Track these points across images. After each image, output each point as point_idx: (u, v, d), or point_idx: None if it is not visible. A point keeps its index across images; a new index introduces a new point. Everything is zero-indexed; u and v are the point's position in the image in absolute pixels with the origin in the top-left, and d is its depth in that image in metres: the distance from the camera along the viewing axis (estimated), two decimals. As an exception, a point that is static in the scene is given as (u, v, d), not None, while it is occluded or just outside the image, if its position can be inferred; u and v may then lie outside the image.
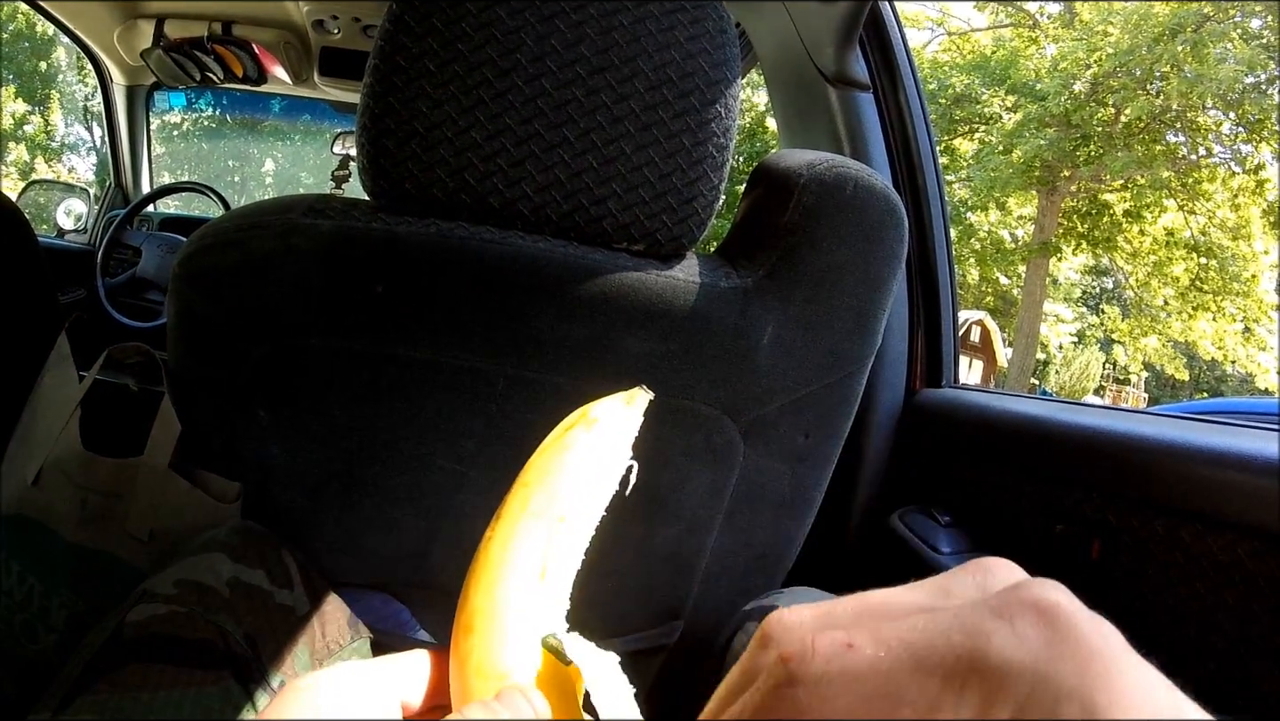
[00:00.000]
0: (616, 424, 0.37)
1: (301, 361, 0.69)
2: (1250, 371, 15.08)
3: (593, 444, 0.36)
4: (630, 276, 0.69)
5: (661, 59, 0.67)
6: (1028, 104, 13.89)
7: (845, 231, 0.72)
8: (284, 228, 0.66)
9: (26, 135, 16.50)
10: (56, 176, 15.31)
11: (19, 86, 16.41)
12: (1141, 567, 0.79)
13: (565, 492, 0.35)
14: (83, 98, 16.42)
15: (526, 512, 0.35)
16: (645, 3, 0.68)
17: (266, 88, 2.67)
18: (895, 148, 1.21)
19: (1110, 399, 19.90)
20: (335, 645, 0.66)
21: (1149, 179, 13.54)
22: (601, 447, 0.36)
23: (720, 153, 0.70)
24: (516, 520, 0.35)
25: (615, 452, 0.36)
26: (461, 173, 0.66)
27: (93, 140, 16.80)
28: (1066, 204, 14.97)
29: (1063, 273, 18.99)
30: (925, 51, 16.19)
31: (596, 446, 0.36)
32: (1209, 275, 14.38)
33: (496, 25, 0.65)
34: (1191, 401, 16.43)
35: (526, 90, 0.65)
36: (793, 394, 0.75)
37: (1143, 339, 15.95)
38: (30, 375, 1.03)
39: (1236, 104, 12.45)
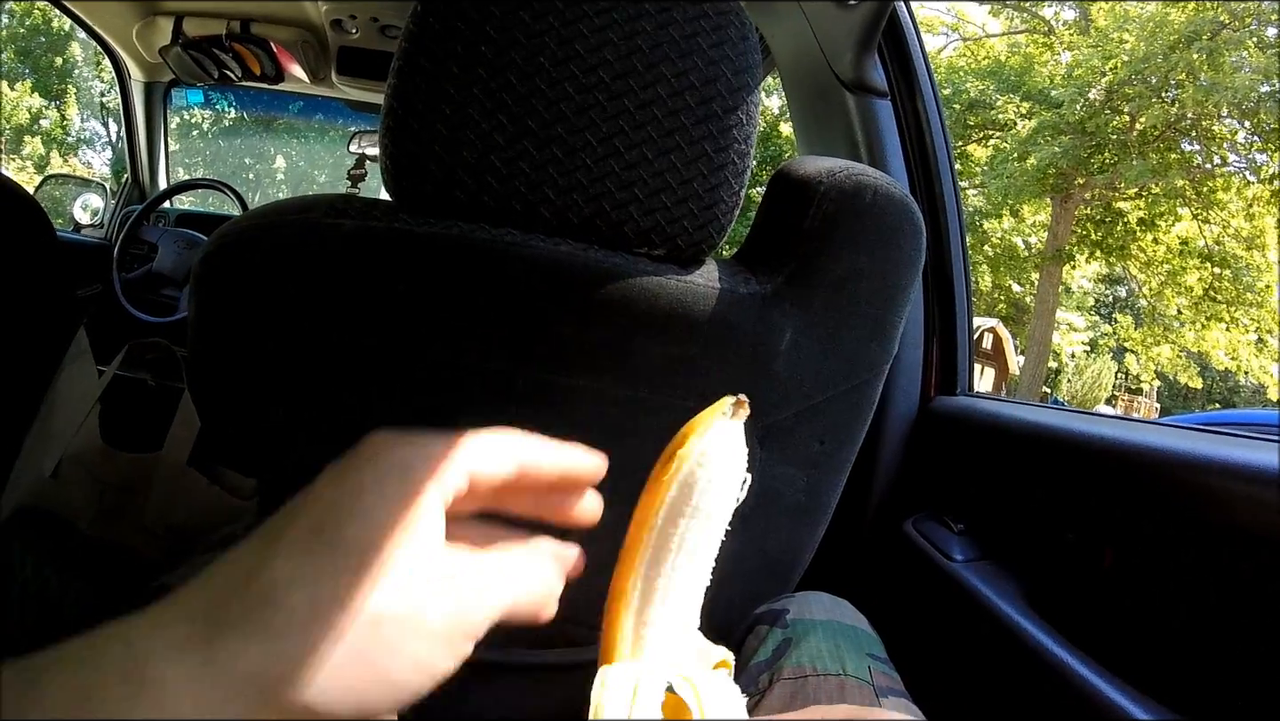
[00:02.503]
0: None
1: (321, 361, 0.69)
2: (1263, 382, 14.99)
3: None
4: (650, 281, 0.69)
5: (684, 65, 0.67)
6: (1042, 111, 13.86)
7: (864, 239, 0.72)
8: (305, 227, 0.67)
9: (43, 129, 16.61)
10: (72, 171, 15.40)
11: (35, 81, 16.51)
12: (1153, 577, 0.79)
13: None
14: (99, 93, 16.52)
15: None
16: (668, 9, 0.68)
17: (284, 86, 2.68)
18: (912, 155, 1.21)
19: (1122, 408, 19.84)
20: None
21: (1163, 187, 13.49)
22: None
23: (741, 159, 0.70)
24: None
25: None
26: (484, 175, 0.66)
27: (108, 135, 16.89)
28: (1080, 211, 14.91)
29: (1076, 281, 18.94)
30: (940, 56, 16.16)
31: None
32: (1223, 285, 14.31)
33: (520, 29, 0.66)
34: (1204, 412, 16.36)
35: (549, 94, 0.66)
36: (809, 400, 0.75)
37: (1155, 348, 15.87)
38: (48, 369, 1.04)
39: (1252, 112, 12.39)
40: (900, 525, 1.10)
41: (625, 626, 0.38)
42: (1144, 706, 0.71)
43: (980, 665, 0.90)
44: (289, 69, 2.50)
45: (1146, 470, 0.80)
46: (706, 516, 0.38)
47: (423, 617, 0.29)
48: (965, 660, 0.92)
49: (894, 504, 1.15)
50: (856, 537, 1.16)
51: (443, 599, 0.30)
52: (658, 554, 0.38)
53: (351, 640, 0.27)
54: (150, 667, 0.25)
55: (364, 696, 0.28)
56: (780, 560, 0.85)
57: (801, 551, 0.85)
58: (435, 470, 0.33)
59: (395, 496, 0.31)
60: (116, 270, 2.40)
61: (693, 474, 0.38)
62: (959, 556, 0.98)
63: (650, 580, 0.38)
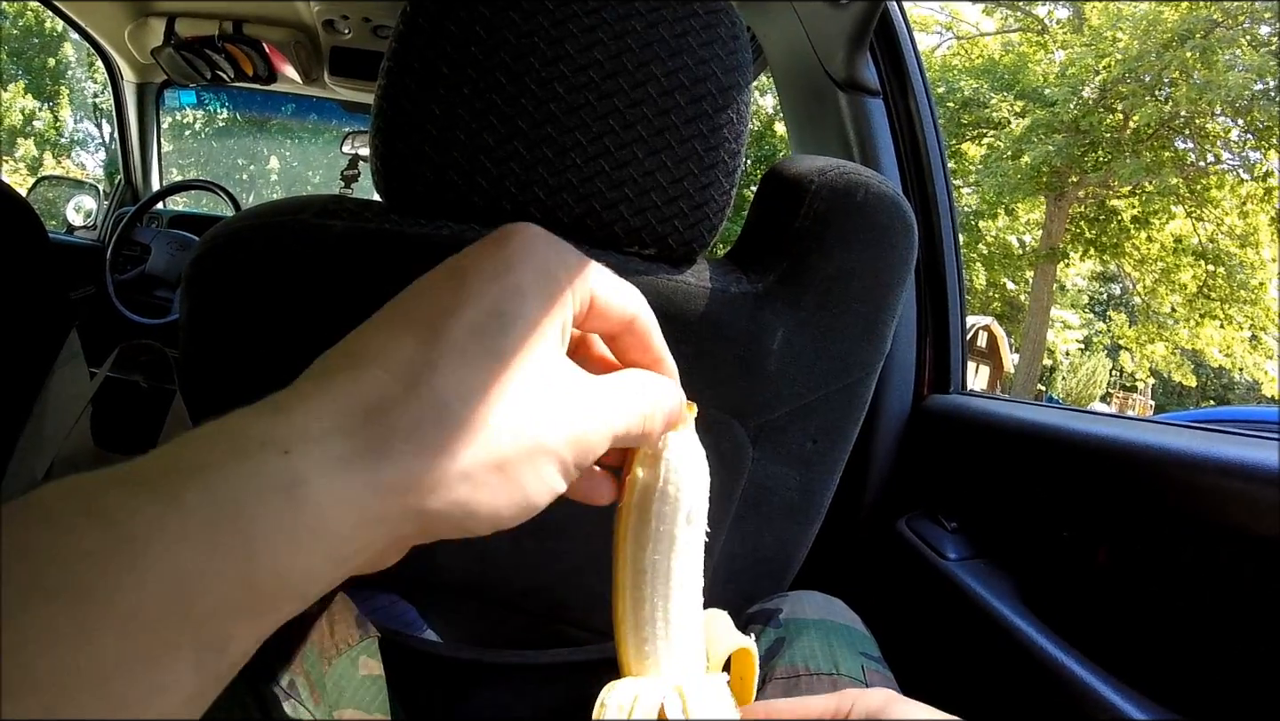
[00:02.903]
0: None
1: (312, 361, 0.69)
2: (1257, 379, 15.04)
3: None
4: (641, 280, 0.69)
5: (674, 64, 0.67)
6: (1036, 109, 13.88)
7: (856, 238, 0.72)
8: (296, 228, 0.67)
9: (36, 131, 16.56)
10: (66, 172, 15.36)
11: (28, 82, 16.46)
12: (1147, 575, 0.79)
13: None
14: (92, 94, 16.47)
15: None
16: (659, 8, 0.68)
17: (276, 87, 2.68)
18: (904, 153, 1.21)
19: (1117, 405, 19.88)
20: (344, 644, 0.66)
21: (1157, 185, 13.52)
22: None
23: (732, 158, 0.70)
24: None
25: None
26: (474, 175, 0.66)
27: (102, 136, 16.83)
28: (1074, 210, 14.95)
29: (1070, 279, 18.97)
30: (935, 55, 16.18)
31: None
32: (1216, 282, 14.35)
33: (509, 29, 0.65)
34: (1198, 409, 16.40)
35: (539, 94, 0.66)
36: (802, 399, 0.75)
37: (1150, 346, 15.92)
38: (41, 371, 1.03)
39: (1245, 110, 12.42)
40: (894, 524, 1.10)
41: (628, 648, 0.39)
42: (1139, 704, 0.71)
43: (974, 664, 0.90)
44: (282, 69, 2.50)
45: (1140, 468, 0.80)
46: (670, 535, 0.38)
47: (555, 434, 0.29)
48: (959, 659, 0.92)
49: (887, 502, 1.15)
50: (850, 536, 1.16)
51: (569, 416, 0.29)
52: (637, 579, 0.38)
53: (508, 454, 0.27)
54: (312, 488, 0.23)
55: (499, 511, 0.28)
56: (773, 559, 0.85)
57: (794, 550, 0.85)
58: (575, 280, 0.32)
59: (546, 303, 0.30)
60: (110, 272, 2.39)
61: (647, 495, 0.38)
62: (953, 555, 0.98)
63: (639, 603, 0.38)
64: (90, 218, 2.88)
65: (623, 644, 0.39)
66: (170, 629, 0.21)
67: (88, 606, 0.19)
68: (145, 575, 0.20)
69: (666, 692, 0.37)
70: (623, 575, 0.39)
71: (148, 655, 0.20)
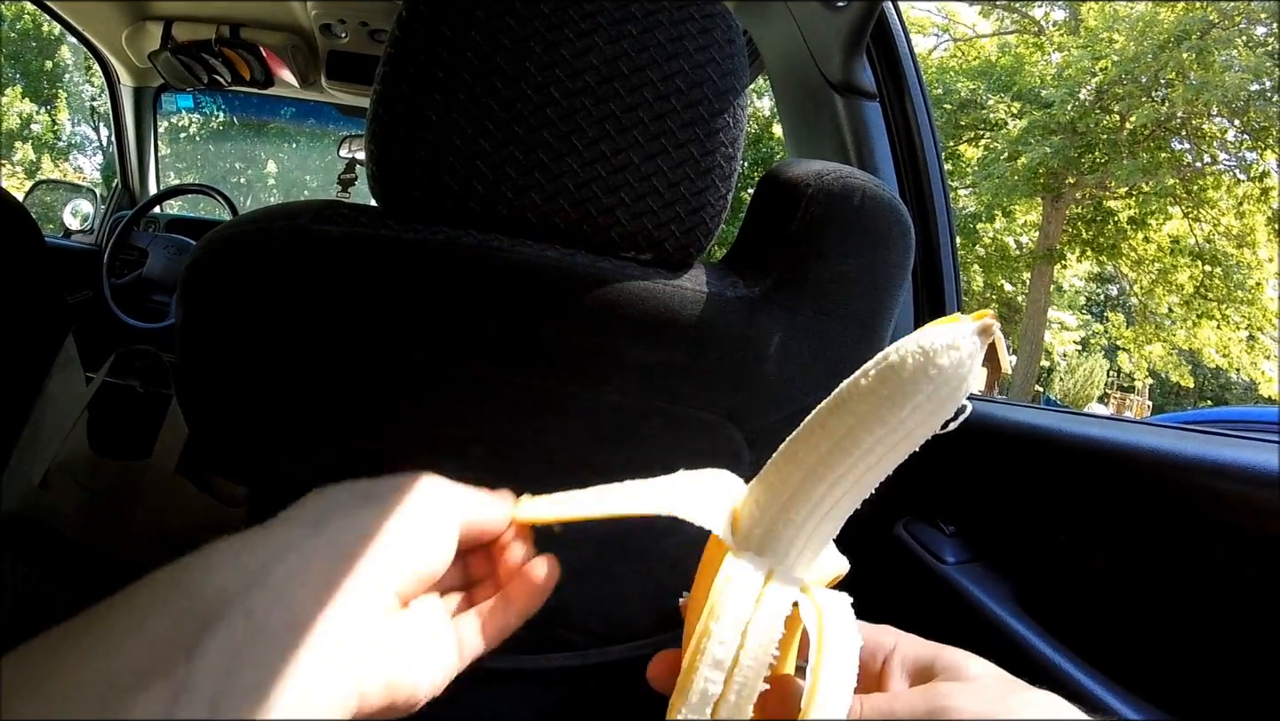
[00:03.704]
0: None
1: (309, 366, 0.69)
2: (1254, 379, 15.04)
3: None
4: (638, 285, 0.69)
5: (670, 68, 0.67)
6: (1033, 110, 13.89)
7: (852, 242, 0.72)
8: (292, 233, 0.67)
9: (33, 135, 16.54)
10: (63, 176, 15.35)
11: (26, 86, 16.45)
12: (1145, 577, 0.79)
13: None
14: (89, 97, 16.47)
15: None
16: (654, 12, 0.68)
17: (273, 91, 2.68)
18: (901, 156, 1.21)
19: (1114, 406, 19.88)
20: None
21: (1154, 186, 13.52)
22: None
23: (728, 163, 0.70)
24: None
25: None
26: (470, 180, 0.66)
27: (99, 140, 16.83)
28: (1071, 211, 14.96)
29: (1067, 280, 18.97)
30: (931, 57, 16.20)
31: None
32: (1214, 283, 14.35)
33: (505, 34, 0.65)
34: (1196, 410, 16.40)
35: (535, 99, 0.66)
36: (799, 403, 0.75)
37: (1147, 346, 15.92)
38: (37, 376, 1.03)
39: (1242, 111, 12.44)
40: (891, 527, 1.10)
41: (767, 514, 0.36)
42: (1136, 707, 0.71)
43: (972, 666, 0.90)
44: (279, 74, 2.50)
45: (1138, 471, 0.80)
46: (914, 425, 0.34)
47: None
48: (957, 661, 0.92)
49: (885, 506, 1.15)
50: (847, 540, 1.16)
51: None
52: (840, 449, 0.35)
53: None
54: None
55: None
56: (772, 563, 0.84)
57: (792, 554, 0.85)
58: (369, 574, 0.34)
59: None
60: (106, 276, 2.39)
61: (924, 371, 0.33)
62: (950, 558, 0.98)
63: (816, 475, 0.35)
64: (87, 222, 2.88)
65: (762, 504, 0.36)
66: (146, 644, 0.27)
67: (91, 636, 0.28)
68: (128, 611, 0.28)
69: (800, 597, 0.35)
70: (821, 437, 0.35)
71: (131, 674, 0.26)
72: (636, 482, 0.43)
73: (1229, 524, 0.72)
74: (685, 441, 0.73)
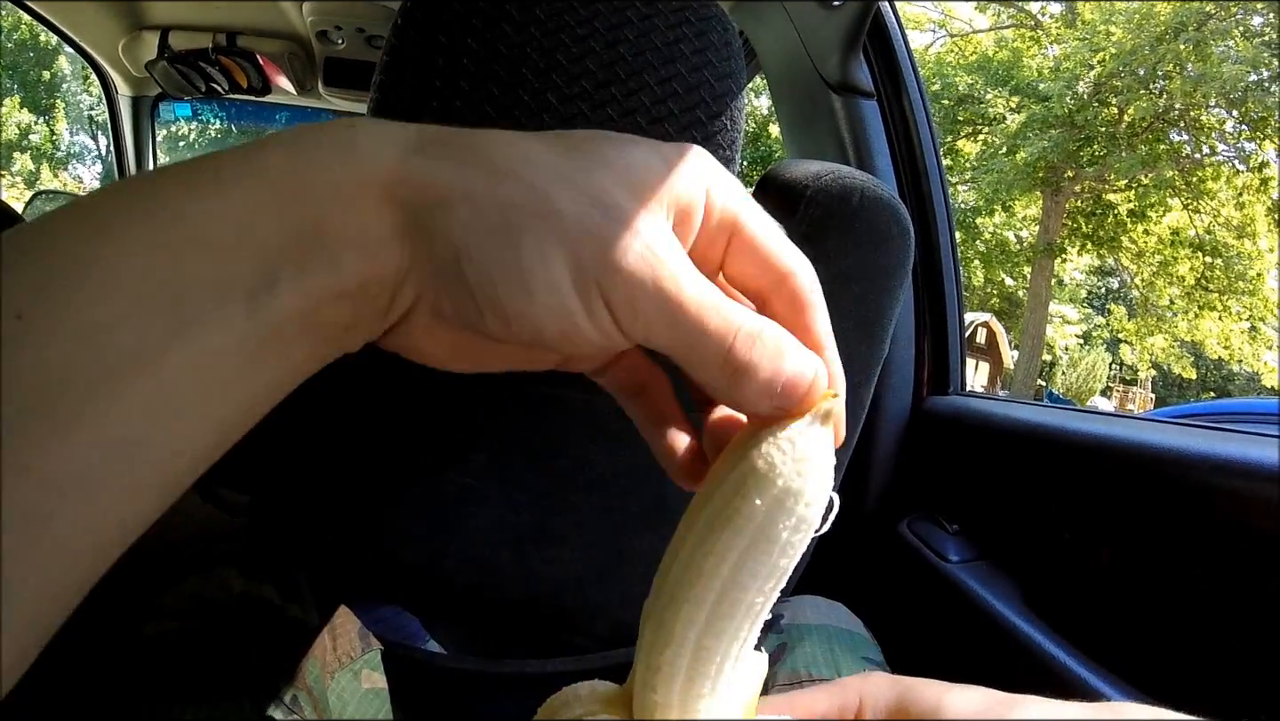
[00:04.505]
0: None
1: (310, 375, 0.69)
2: (1256, 370, 15.04)
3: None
4: None
5: (667, 71, 0.67)
6: (1031, 104, 13.90)
7: (852, 242, 0.72)
8: None
9: (32, 145, 16.56)
10: (62, 186, 15.36)
11: (24, 96, 16.47)
12: (1150, 575, 0.79)
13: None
14: (87, 107, 16.48)
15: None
16: (651, 16, 0.68)
17: (271, 98, 2.68)
18: (899, 154, 1.21)
19: (1117, 399, 19.85)
20: (346, 657, 0.66)
21: (1153, 178, 13.54)
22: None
23: (726, 165, 0.70)
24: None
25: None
26: None
27: (98, 149, 16.84)
28: (1071, 205, 14.96)
29: (1068, 273, 18.98)
30: (928, 53, 16.20)
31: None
32: (1214, 274, 14.37)
33: (501, 40, 0.65)
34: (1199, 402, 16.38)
35: (532, 104, 0.65)
36: (800, 404, 0.75)
37: (1149, 338, 15.92)
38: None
39: (1240, 102, 12.44)
40: (895, 526, 1.10)
41: (670, 705, 0.29)
42: (1143, 704, 0.71)
43: (978, 666, 0.90)
44: (276, 81, 2.49)
45: (1142, 467, 0.80)
46: (769, 553, 0.27)
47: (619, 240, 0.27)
48: (963, 661, 0.92)
49: (888, 505, 1.15)
50: (851, 540, 1.16)
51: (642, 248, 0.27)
52: (717, 619, 0.28)
53: (551, 207, 0.26)
54: (362, 150, 0.26)
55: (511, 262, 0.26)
56: (775, 564, 0.84)
57: (796, 555, 0.85)
58: (711, 180, 0.29)
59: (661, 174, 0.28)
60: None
61: (748, 489, 0.26)
62: (954, 557, 0.98)
63: (705, 652, 0.28)
64: (87, 231, 2.88)
65: (654, 701, 0.29)
66: (232, 256, 0.23)
67: (172, 227, 0.23)
68: (223, 204, 0.24)
69: None
70: (690, 608, 0.28)
71: (213, 278, 0.23)
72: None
73: (1233, 520, 0.71)
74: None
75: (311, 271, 0.25)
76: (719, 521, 0.27)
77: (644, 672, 0.30)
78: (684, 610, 0.28)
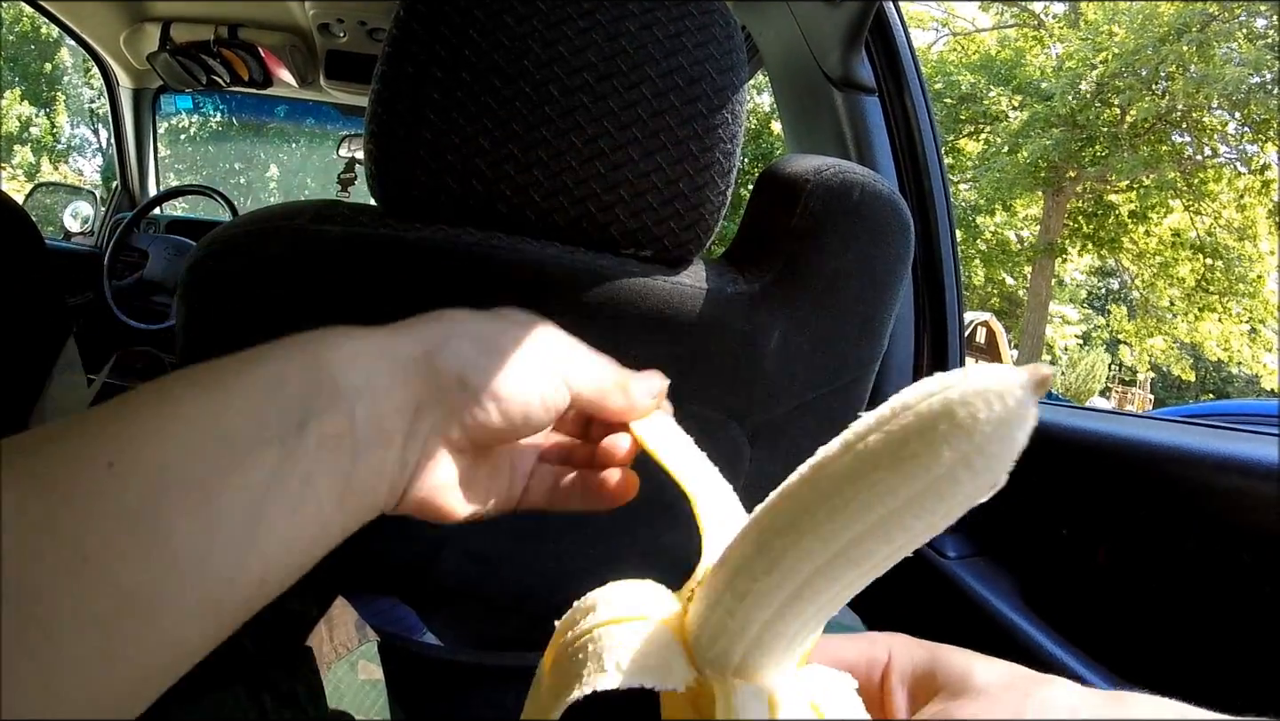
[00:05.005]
0: None
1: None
2: (1256, 372, 15.04)
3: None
4: (638, 282, 0.69)
5: (668, 65, 0.67)
6: (1033, 103, 13.90)
7: (851, 237, 0.72)
8: (291, 234, 0.66)
9: (33, 137, 16.55)
10: (63, 179, 15.35)
11: (25, 89, 16.45)
12: (1148, 572, 0.79)
13: None
14: (88, 99, 16.46)
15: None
16: (653, 9, 0.68)
17: (272, 91, 2.68)
18: (901, 151, 1.21)
19: (1116, 400, 19.86)
20: (343, 648, 0.66)
21: (1155, 179, 13.54)
22: None
23: (727, 159, 0.69)
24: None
25: None
26: (469, 179, 0.66)
27: (99, 142, 16.82)
28: (1072, 205, 14.96)
29: (1068, 274, 18.98)
30: (931, 52, 16.19)
31: None
32: (1215, 276, 14.36)
33: (503, 31, 0.65)
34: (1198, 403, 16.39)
35: (534, 97, 0.65)
36: (799, 398, 0.75)
37: (1149, 340, 15.93)
38: (38, 378, 1.03)
39: (1242, 104, 12.44)
40: (894, 522, 1.09)
41: (750, 629, 0.28)
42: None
43: (975, 661, 0.90)
44: (277, 73, 2.50)
45: (1140, 465, 0.80)
46: (932, 529, 0.25)
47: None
48: (960, 656, 0.92)
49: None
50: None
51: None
52: (840, 564, 0.26)
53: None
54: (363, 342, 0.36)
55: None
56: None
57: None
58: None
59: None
60: (107, 278, 2.39)
61: (967, 462, 0.23)
62: (952, 553, 0.98)
63: (809, 592, 0.27)
64: (87, 224, 2.88)
65: (740, 603, 0.27)
66: (266, 408, 0.31)
67: (220, 392, 0.30)
68: (259, 369, 0.32)
69: (809, 711, 0.29)
70: (820, 524, 0.25)
71: (252, 426, 0.30)
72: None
73: (1231, 518, 0.72)
74: (685, 438, 0.73)
75: (334, 415, 0.32)
76: (887, 460, 0.24)
77: (721, 592, 0.28)
78: (805, 542, 0.26)
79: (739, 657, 0.29)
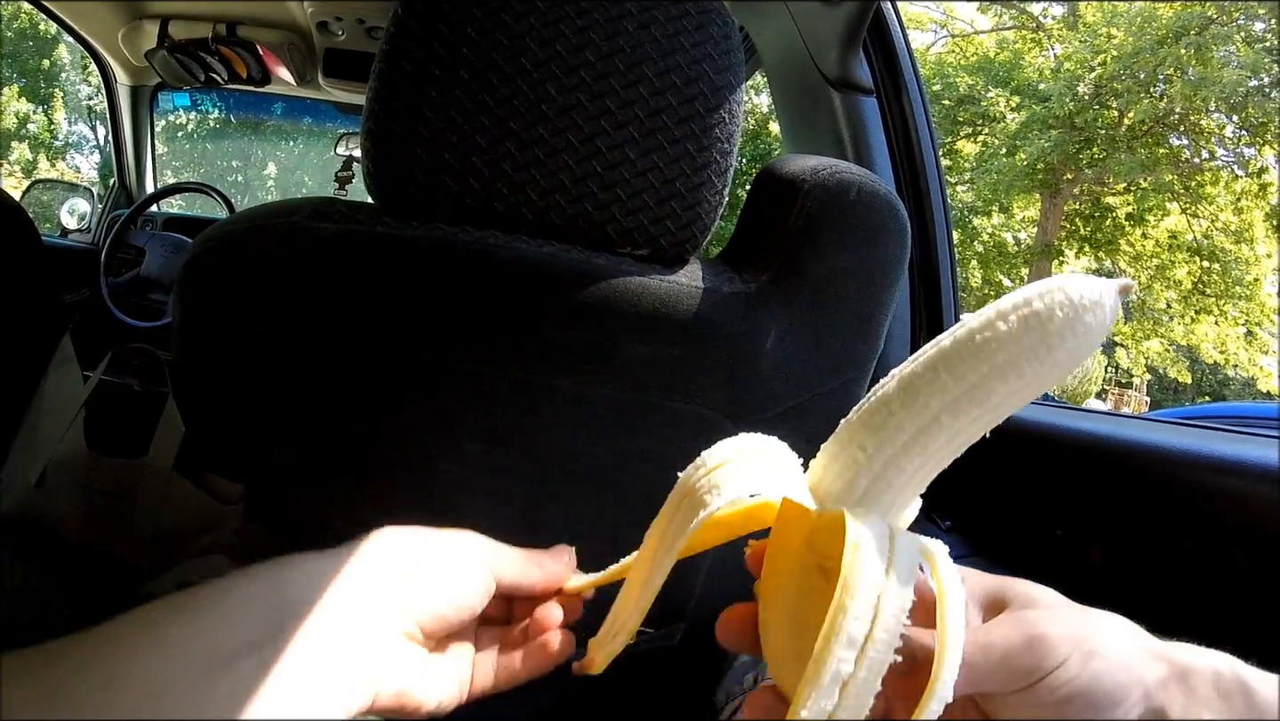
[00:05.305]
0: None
1: (305, 365, 0.69)
2: (1252, 375, 15.04)
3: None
4: (634, 281, 0.69)
5: (666, 64, 0.67)
6: (1031, 105, 13.90)
7: (848, 237, 0.72)
8: (288, 231, 0.66)
9: (30, 134, 16.50)
10: (60, 175, 15.31)
11: (23, 86, 16.41)
12: (1142, 572, 0.79)
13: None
14: (86, 96, 16.42)
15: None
16: (651, 8, 0.68)
17: (270, 89, 2.68)
18: (898, 151, 1.21)
19: (1112, 402, 19.86)
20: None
21: (1152, 182, 13.55)
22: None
23: (724, 158, 0.70)
24: None
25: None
26: (466, 177, 0.66)
27: (96, 139, 16.77)
28: (1069, 207, 14.97)
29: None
30: (929, 53, 16.19)
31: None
32: (1211, 279, 14.36)
33: (501, 30, 0.65)
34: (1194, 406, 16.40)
35: (531, 95, 0.66)
36: (796, 398, 0.75)
37: (1145, 342, 15.92)
38: (34, 376, 1.03)
39: (1240, 107, 12.45)
40: (889, 523, 1.10)
41: (876, 461, 0.34)
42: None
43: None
44: (275, 71, 2.49)
45: (1135, 466, 0.80)
46: (1045, 380, 0.32)
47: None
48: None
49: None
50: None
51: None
52: (967, 402, 0.33)
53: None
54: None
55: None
56: (769, 559, 0.84)
57: (790, 550, 0.85)
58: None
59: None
60: (104, 275, 2.39)
61: (1070, 325, 0.32)
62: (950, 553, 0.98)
63: (939, 424, 0.34)
64: (84, 221, 2.87)
65: (870, 452, 0.35)
66: (239, 625, 0.35)
67: (197, 618, 0.35)
68: (231, 591, 0.37)
69: (919, 552, 0.34)
70: (955, 365, 0.33)
71: (227, 641, 0.34)
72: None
73: (1227, 519, 0.72)
74: (681, 437, 0.73)
75: (301, 625, 0.36)
76: (1015, 320, 0.32)
77: (855, 430, 0.35)
78: (941, 380, 0.33)
79: (861, 492, 0.35)
